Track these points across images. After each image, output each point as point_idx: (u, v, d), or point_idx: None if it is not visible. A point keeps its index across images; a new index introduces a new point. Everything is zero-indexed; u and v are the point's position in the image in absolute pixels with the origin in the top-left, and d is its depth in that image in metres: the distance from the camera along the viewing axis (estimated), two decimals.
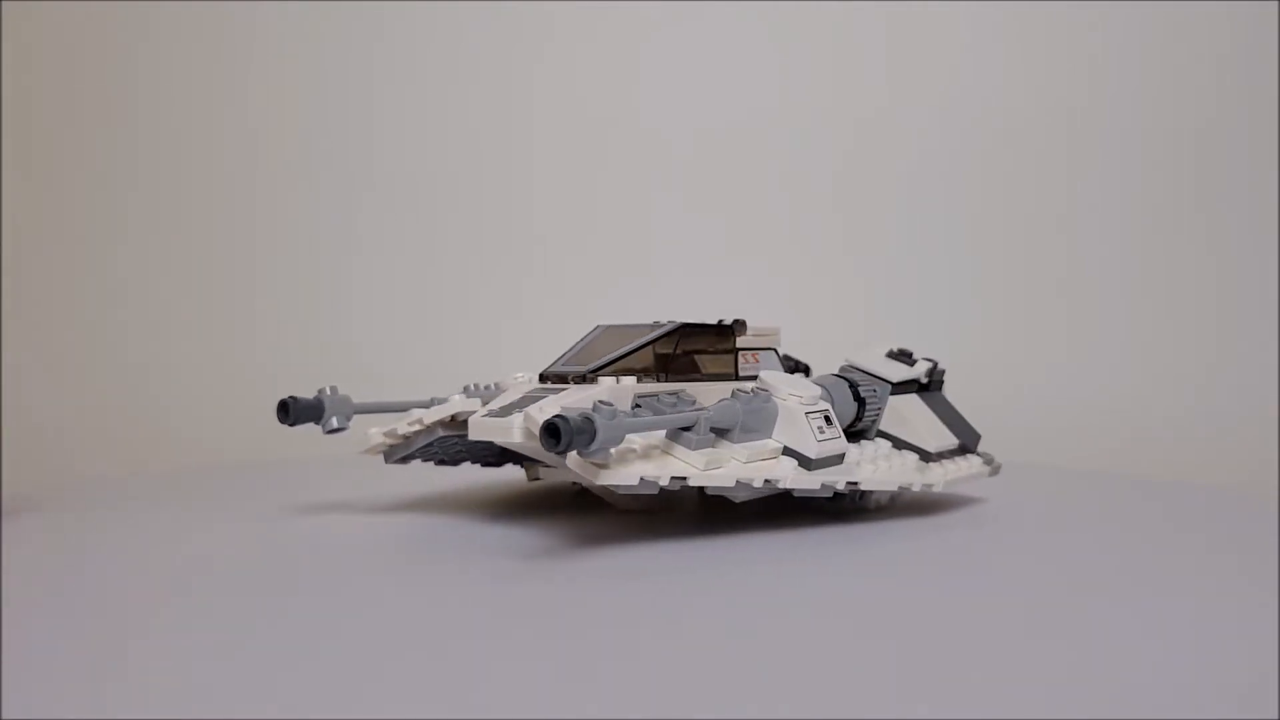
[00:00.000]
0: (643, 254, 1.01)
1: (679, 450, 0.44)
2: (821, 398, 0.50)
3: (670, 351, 0.56)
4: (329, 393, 0.57)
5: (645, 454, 0.44)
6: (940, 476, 0.54)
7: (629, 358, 0.56)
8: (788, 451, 0.48)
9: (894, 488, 0.52)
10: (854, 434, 0.56)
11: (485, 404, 0.52)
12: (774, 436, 0.49)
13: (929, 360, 0.60)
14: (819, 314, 0.99)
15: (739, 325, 0.61)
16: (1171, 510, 0.61)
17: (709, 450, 0.44)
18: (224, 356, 0.90)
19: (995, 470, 0.59)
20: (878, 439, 0.57)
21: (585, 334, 0.58)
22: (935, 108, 1.01)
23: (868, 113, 1.02)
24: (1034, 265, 1.00)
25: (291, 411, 0.55)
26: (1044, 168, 0.99)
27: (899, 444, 0.57)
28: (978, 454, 0.59)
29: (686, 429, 0.44)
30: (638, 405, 0.48)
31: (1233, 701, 0.31)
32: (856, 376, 0.57)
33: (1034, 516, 0.58)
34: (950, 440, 0.57)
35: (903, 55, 1.02)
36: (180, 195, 0.89)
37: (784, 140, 1.03)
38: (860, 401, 0.55)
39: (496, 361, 0.57)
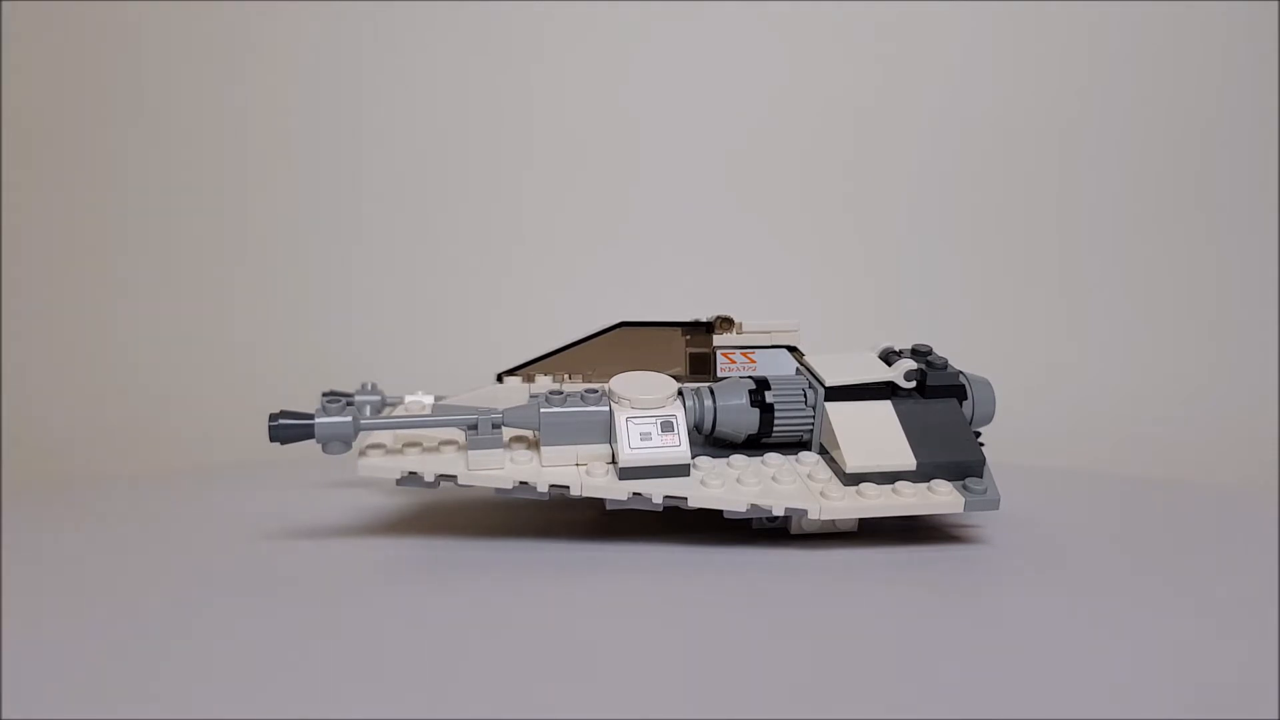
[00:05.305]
0: (658, 251, 0.92)
1: (469, 450, 0.46)
2: (665, 403, 0.46)
3: (614, 350, 0.56)
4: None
5: (440, 450, 0.47)
6: (840, 508, 0.44)
7: (576, 357, 0.57)
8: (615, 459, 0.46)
9: (743, 508, 0.44)
10: (783, 445, 0.48)
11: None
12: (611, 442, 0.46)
13: (913, 361, 0.48)
14: (835, 311, 0.92)
15: (722, 323, 0.56)
16: (1171, 510, 0.58)
17: (491, 451, 0.45)
18: (224, 355, 0.91)
19: (979, 505, 0.45)
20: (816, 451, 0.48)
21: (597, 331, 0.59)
22: (938, 108, 0.90)
23: (871, 112, 0.90)
24: (1032, 264, 0.92)
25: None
26: (1042, 168, 0.91)
27: (830, 460, 0.47)
28: (960, 483, 0.45)
29: (473, 428, 0.46)
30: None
31: (1233, 701, 0.31)
32: (778, 379, 0.48)
33: (1030, 517, 0.52)
34: (902, 460, 0.45)
35: (916, 47, 0.89)
36: (179, 192, 0.90)
37: (797, 136, 0.91)
38: (766, 408, 0.47)
39: (502, 360, 0.61)
